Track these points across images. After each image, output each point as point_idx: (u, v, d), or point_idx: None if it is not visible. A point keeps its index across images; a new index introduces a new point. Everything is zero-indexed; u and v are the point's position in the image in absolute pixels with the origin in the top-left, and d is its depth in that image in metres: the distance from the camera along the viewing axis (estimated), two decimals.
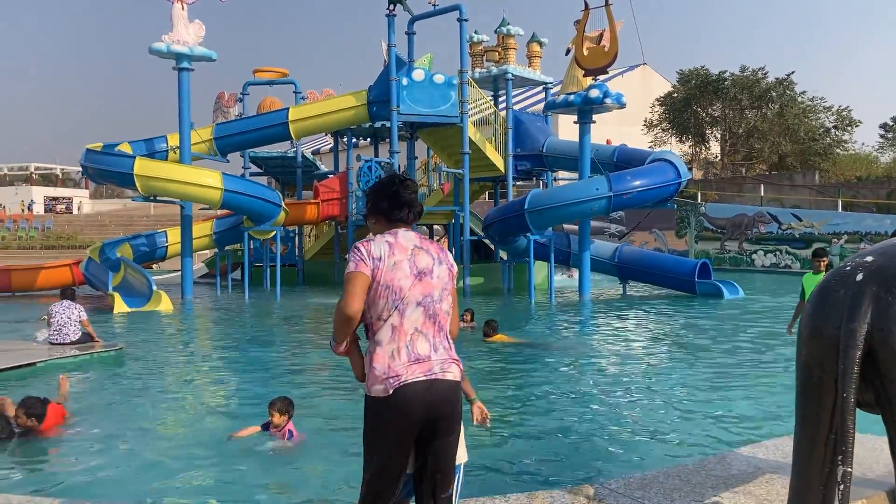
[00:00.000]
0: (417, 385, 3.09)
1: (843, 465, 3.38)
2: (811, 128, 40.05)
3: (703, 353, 11.02)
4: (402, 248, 3.20)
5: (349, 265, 3.16)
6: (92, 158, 19.48)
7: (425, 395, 3.10)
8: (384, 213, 3.30)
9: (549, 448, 6.31)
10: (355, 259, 3.14)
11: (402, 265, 3.16)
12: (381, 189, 3.34)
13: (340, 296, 3.11)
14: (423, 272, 3.20)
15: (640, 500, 4.18)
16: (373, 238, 3.23)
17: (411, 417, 3.09)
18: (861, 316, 3.40)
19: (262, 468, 5.80)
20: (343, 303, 3.08)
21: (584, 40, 19.38)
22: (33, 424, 6.49)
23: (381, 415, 3.09)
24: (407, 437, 3.14)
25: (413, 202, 3.34)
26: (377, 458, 3.13)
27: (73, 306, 11.15)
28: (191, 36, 20.02)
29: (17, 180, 76.93)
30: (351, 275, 3.12)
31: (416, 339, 3.16)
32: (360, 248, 3.18)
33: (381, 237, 3.24)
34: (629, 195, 18.04)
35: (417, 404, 3.09)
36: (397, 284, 3.13)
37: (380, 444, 3.12)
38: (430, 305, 3.20)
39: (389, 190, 3.30)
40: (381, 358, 3.11)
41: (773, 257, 29.20)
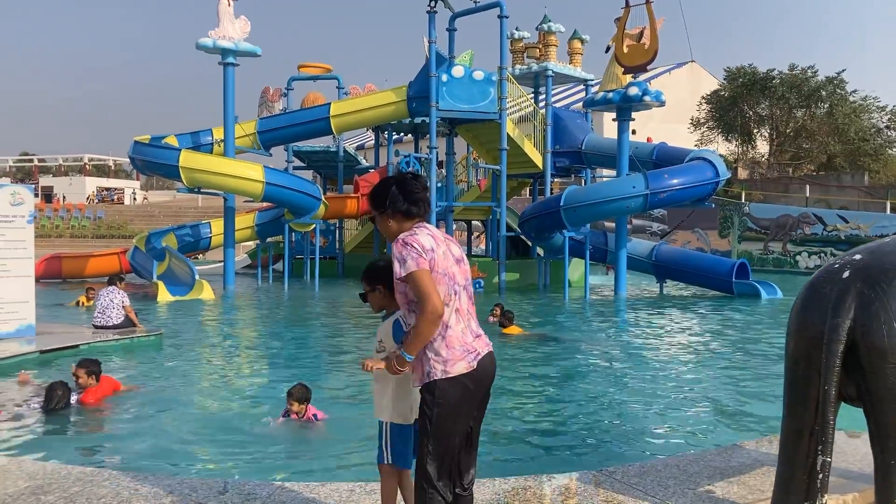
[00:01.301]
0: (487, 357, 3.40)
1: (822, 454, 3.51)
2: (862, 127, 39.11)
3: (731, 350, 11.03)
4: (440, 239, 3.39)
5: (408, 263, 3.21)
6: (139, 150, 20.09)
7: (491, 365, 3.44)
8: (402, 212, 3.43)
9: (558, 434, 6.48)
10: (413, 255, 3.22)
11: (448, 253, 3.37)
12: (398, 188, 3.44)
13: (419, 299, 3.18)
14: (459, 259, 3.45)
15: (636, 487, 4.33)
16: (415, 231, 3.35)
17: (487, 386, 3.43)
18: (845, 311, 3.50)
19: (293, 446, 6.09)
20: (430, 304, 3.16)
21: (624, 37, 19.35)
22: (92, 382, 7.30)
23: (466, 389, 3.29)
24: (478, 406, 3.42)
25: (428, 197, 3.52)
26: (453, 437, 3.30)
27: (117, 291, 11.72)
28: (236, 32, 20.50)
29: (71, 171, 79.15)
30: (420, 273, 3.19)
31: (470, 318, 3.43)
32: (412, 244, 3.25)
33: (420, 229, 3.37)
34: (666, 193, 17.97)
35: (490, 373, 3.42)
36: (451, 270, 3.34)
37: (459, 421, 3.31)
38: (468, 288, 3.46)
39: (406, 188, 3.44)
40: (457, 338, 3.31)
41: (818, 259, 28.70)
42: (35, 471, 4.57)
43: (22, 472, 4.54)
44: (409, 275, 3.21)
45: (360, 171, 28.77)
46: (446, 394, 3.26)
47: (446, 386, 3.26)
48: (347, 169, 28.78)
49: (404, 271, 3.22)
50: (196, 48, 20.14)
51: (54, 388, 7.04)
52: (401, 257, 3.24)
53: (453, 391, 3.26)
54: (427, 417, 3.26)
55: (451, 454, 3.31)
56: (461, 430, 3.34)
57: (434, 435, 3.25)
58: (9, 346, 9.72)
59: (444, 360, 3.28)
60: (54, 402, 6.94)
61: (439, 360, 3.28)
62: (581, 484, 4.39)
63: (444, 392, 3.26)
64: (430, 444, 3.26)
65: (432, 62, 20.71)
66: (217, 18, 20.32)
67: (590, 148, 22.76)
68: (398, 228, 3.41)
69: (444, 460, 3.28)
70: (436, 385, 3.27)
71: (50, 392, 7.01)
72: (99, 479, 4.38)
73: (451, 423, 3.28)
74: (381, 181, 3.56)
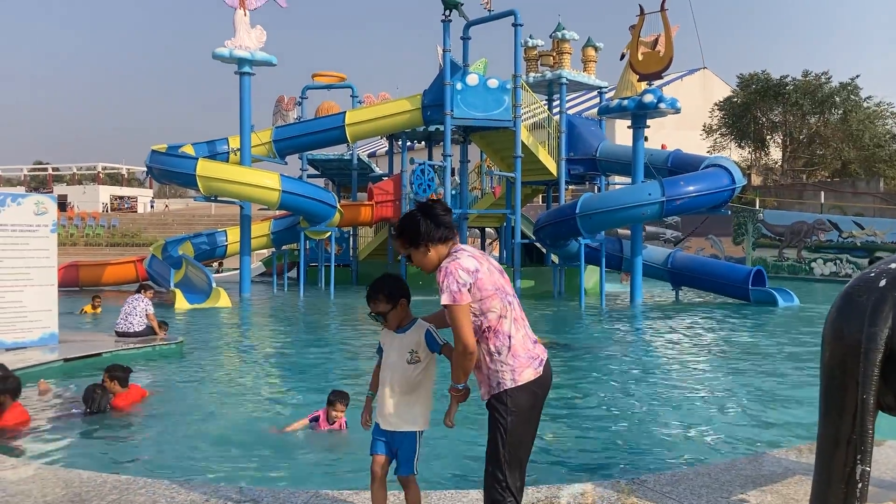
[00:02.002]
0: (548, 362, 3.54)
1: (861, 464, 3.50)
2: (876, 133, 38.94)
3: (751, 358, 10.98)
4: (479, 257, 3.46)
5: (446, 296, 3.26)
6: (157, 159, 20.24)
7: (550, 369, 3.55)
8: (439, 239, 3.47)
9: (585, 443, 6.47)
10: (452, 290, 3.27)
11: (491, 268, 3.44)
12: (427, 218, 3.46)
13: (454, 333, 3.28)
14: (500, 271, 3.53)
15: (669, 496, 4.33)
16: (457, 255, 3.40)
17: (548, 390, 3.54)
18: (882, 320, 3.50)
19: (321, 454, 6.12)
20: (462, 342, 3.26)
21: (639, 45, 19.37)
22: (117, 388, 7.41)
23: (535, 395, 3.39)
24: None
25: (451, 217, 3.59)
26: (527, 443, 3.39)
27: (141, 299, 11.92)
28: (252, 41, 20.67)
29: (85, 179, 79.74)
30: (458, 309, 3.26)
31: (525, 325, 3.53)
32: (453, 274, 3.30)
33: (460, 252, 3.42)
34: (682, 200, 17.94)
35: (551, 378, 3.55)
36: (499, 283, 3.42)
37: (531, 427, 3.42)
38: (515, 298, 3.55)
39: (434, 215, 3.47)
40: (522, 346, 3.42)
41: (833, 266, 28.57)
42: (71, 479, 4.62)
43: (58, 480, 4.58)
44: (448, 307, 3.30)
45: (374, 178, 28.87)
46: (518, 402, 3.35)
47: (517, 394, 3.35)
48: (361, 177, 28.89)
49: (445, 301, 3.30)
50: (213, 58, 20.32)
51: (93, 390, 7.19)
52: (443, 287, 3.31)
53: (524, 398, 3.36)
54: (502, 427, 3.32)
55: (524, 460, 3.39)
56: (532, 435, 3.44)
57: (510, 443, 3.32)
58: (32, 354, 9.80)
59: (512, 370, 3.37)
60: (95, 403, 7.12)
61: (507, 370, 3.37)
62: (613, 492, 4.39)
63: (515, 400, 3.34)
64: (507, 452, 3.31)
65: (447, 70, 20.79)
66: (233, 28, 20.49)
67: (604, 155, 22.76)
68: (437, 257, 3.47)
69: (520, 467, 3.35)
70: (507, 394, 3.35)
71: (89, 394, 7.17)
72: (135, 488, 4.42)
73: (524, 429, 3.37)
74: (406, 218, 3.54)
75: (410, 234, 3.47)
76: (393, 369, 3.64)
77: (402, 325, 3.68)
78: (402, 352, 3.64)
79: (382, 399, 3.66)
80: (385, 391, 3.65)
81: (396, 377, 3.63)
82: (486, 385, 3.42)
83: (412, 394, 3.63)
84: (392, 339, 3.69)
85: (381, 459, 3.65)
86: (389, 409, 3.62)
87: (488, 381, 3.40)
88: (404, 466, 3.64)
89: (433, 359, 3.70)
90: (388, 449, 3.66)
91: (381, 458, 3.65)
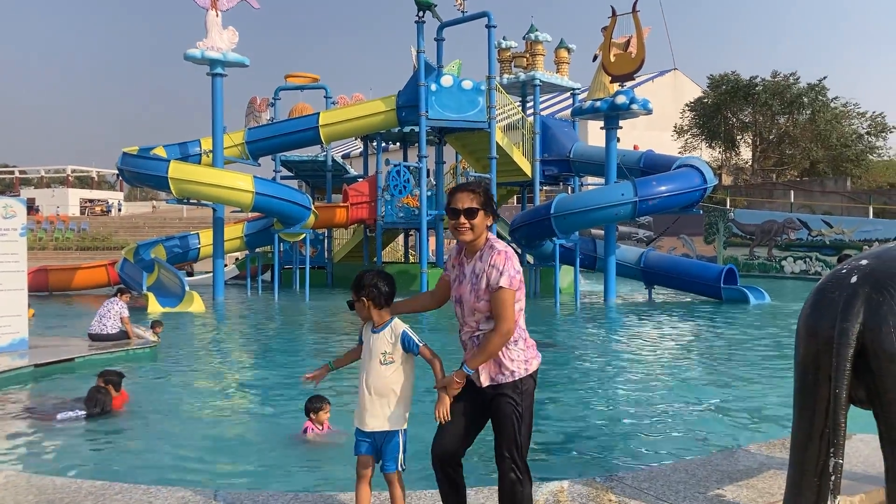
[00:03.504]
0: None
1: (834, 457, 3.56)
2: (843, 133, 39.61)
3: (724, 355, 11.13)
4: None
5: (505, 278, 3.39)
6: (128, 162, 20.00)
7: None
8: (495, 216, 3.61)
9: (562, 441, 6.51)
10: (511, 274, 3.41)
11: None
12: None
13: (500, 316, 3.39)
14: None
15: (647, 491, 4.38)
16: (497, 242, 3.54)
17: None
18: (854, 316, 3.57)
19: (305, 455, 6.09)
20: (509, 325, 3.40)
21: (611, 46, 19.52)
22: (113, 393, 7.46)
23: (536, 382, 3.61)
24: None
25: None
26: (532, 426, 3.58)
27: (116, 302, 11.81)
28: (224, 42, 20.50)
29: (54, 182, 78.55)
30: (511, 294, 3.41)
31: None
32: (513, 259, 3.47)
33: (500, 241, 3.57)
34: (655, 200, 18.11)
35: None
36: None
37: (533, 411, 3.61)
38: None
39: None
40: (530, 338, 3.64)
41: (803, 264, 29.00)
42: (44, 485, 4.55)
43: (31, 487, 4.52)
44: (503, 290, 3.38)
45: (349, 180, 28.77)
46: (530, 388, 3.54)
47: (529, 381, 3.55)
48: (336, 178, 28.78)
49: (503, 283, 3.37)
50: (184, 59, 20.12)
51: (96, 392, 7.28)
52: (503, 269, 3.41)
53: (532, 385, 3.57)
54: (518, 413, 3.46)
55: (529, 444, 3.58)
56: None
57: (527, 426, 3.50)
58: (2, 360, 9.64)
59: (526, 360, 3.55)
60: (98, 404, 7.18)
61: (522, 360, 3.54)
62: (591, 490, 4.43)
63: (528, 387, 3.53)
64: (523, 436, 3.47)
65: (421, 72, 20.80)
66: (205, 29, 20.32)
67: (578, 156, 22.91)
68: (482, 232, 3.55)
69: (528, 450, 3.52)
70: (521, 382, 3.51)
71: (92, 396, 7.24)
72: (111, 493, 4.37)
73: (532, 413, 3.57)
74: (482, 185, 3.63)
75: (491, 200, 3.59)
76: (368, 371, 3.66)
77: (377, 325, 3.68)
78: (375, 353, 3.65)
79: (361, 401, 3.67)
80: (362, 392, 3.66)
81: (371, 379, 3.64)
82: (492, 372, 3.50)
83: (389, 395, 3.64)
84: (368, 338, 3.71)
85: (365, 459, 3.67)
86: (368, 410, 3.63)
87: (497, 370, 3.49)
88: (389, 464, 3.66)
89: (409, 359, 3.70)
90: (371, 449, 3.66)
91: (365, 459, 3.67)
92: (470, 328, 3.56)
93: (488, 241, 3.55)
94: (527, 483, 3.47)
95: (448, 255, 3.84)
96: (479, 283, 3.45)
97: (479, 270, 3.48)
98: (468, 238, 3.53)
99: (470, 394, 3.54)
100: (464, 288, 3.54)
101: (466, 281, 3.53)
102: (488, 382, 3.50)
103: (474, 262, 3.53)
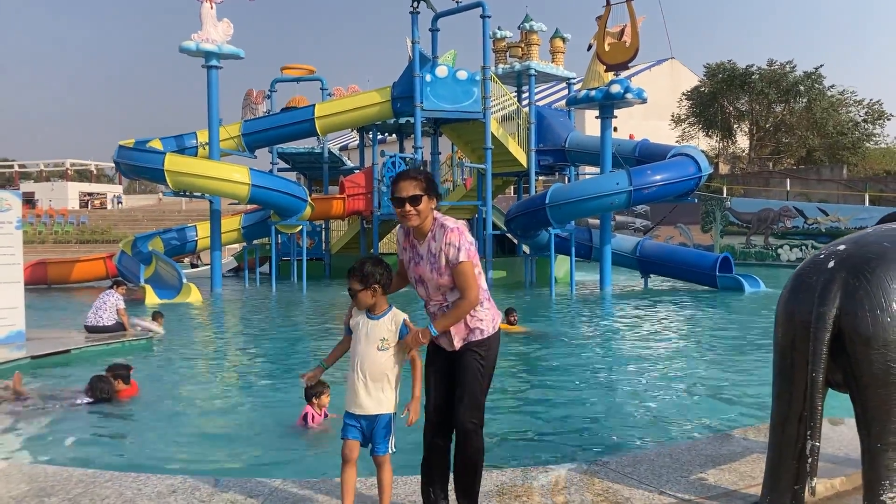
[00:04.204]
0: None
1: (811, 439, 3.62)
2: (840, 121, 39.63)
3: (718, 342, 11.19)
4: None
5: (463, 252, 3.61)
6: (124, 155, 20.00)
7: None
8: (438, 197, 3.79)
9: (548, 427, 6.58)
10: (467, 248, 3.64)
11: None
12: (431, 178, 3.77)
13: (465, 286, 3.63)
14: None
15: (630, 476, 4.44)
16: (446, 219, 3.74)
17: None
18: (831, 300, 3.62)
19: (299, 443, 6.15)
20: (474, 293, 3.65)
21: (605, 36, 19.52)
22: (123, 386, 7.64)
23: (499, 339, 3.87)
24: None
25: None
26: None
27: (113, 294, 11.89)
28: (219, 34, 20.49)
29: (53, 176, 78.51)
30: (471, 266, 3.65)
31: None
32: (465, 233, 3.69)
33: (447, 217, 3.78)
34: (649, 190, 18.16)
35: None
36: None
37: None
38: None
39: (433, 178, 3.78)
40: (493, 304, 3.89)
41: (799, 252, 29.06)
42: (36, 473, 4.61)
43: (23, 475, 4.58)
44: (463, 264, 3.60)
45: (345, 171, 28.80)
46: (494, 344, 3.81)
47: (493, 340, 3.81)
48: (332, 170, 28.82)
49: (462, 258, 3.59)
50: (179, 51, 20.11)
51: (98, 379, 7.42)
52: (458, 244, 3.63)
53: (496, 343, 3.83)
54: (481, 368, 3.74)
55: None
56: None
57: (487, 381, 3.79)
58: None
59: (492, 318, 3.83)
60: (100, 391, 7.34)
61: (488, 318, 3.80)
62: (576, 474, 4.49)
63: (492, 343, 3.80)
64: (483, 390, 3.75)
65: (416, 62, 20.80)
66: (200, 21, 20.30)
67: (573, 146, 22.93)
68: (428, 215, 3.72)
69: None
70: (488, 339, 3.78)
71: (94, 384, 7.39)
72: (101, 481, 4.43)
73: (493, 370, 3.83)
74: (423, 171, 3.78)
75: (433, 183, 3.71)
76: (363, 356, 3.71)
77: (376, 312, 3.74)
78: (372, 338, 3.71)
79: (353, 384, 3.72)
80: (355, 377, 3.71)
81: (367, 364, 3.70)
82: (463, 334, 3.75)
83: (382, 380, 3.71)
84: (363, 325, 3.75)
85: (353, 444, 3.72)
86: (360, 394, 3.69)
87: (467, 331, 3.75)
88: (380, 446, 3.73)
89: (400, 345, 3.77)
90: (360, 433, 3.72)
91: (352, 443, 3.72)
92: (437, 301, 3.79)
93: (437, 221, 3.74)
94: (480, 432, 3.73)
95: (397, 239, 3.95)
96: (439, 261, 3.67)
97: (436, 249, 3.69)
98: (415, 223, 3.71)
99: (443, 360, 3.83)
100: (422, 268, 3.75)
101: (424, 261, 3.74)
102: (461, 345, 3.76)
103: (428, 243, 3.74)
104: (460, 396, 3.72)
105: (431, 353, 3.90)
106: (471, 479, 3.77)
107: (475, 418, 3.71)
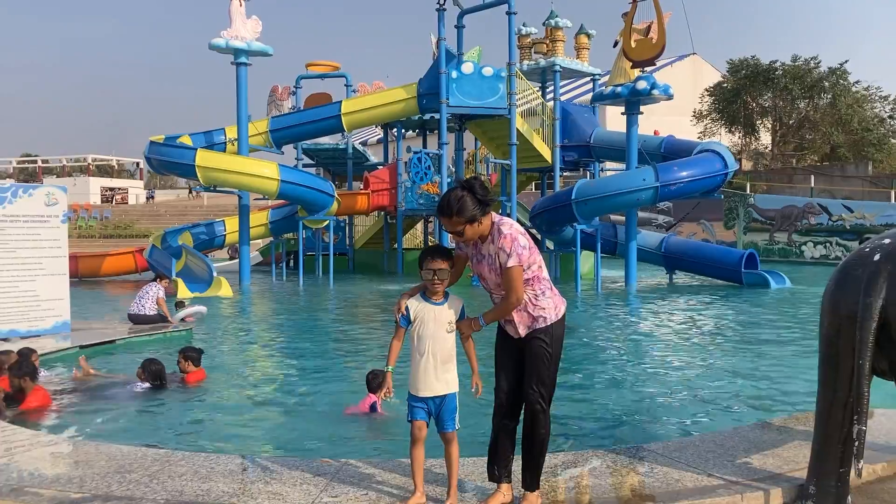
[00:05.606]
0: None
1: (858, 423, 3.81)
2: (865, 118, 39.34)
3: (747, 336, 11.32)
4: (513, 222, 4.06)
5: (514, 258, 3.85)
6: (156, 150, 20.36)
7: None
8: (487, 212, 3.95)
9: (594, 416, 6.77)
10: (518, 253, 3.86)
11: (525, 234, 4.02)
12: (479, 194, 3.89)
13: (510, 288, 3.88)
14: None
15: (678, 460, 4.63)
16: (503, 222, 3.96)
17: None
18: (877, 291, 3.80)
19: (362, 427, 6.38)
20: (517, 295, 3.91)
21: (631, 32, 19.59)
22: (192, 368, 8.02)
23: (565, 325, 4.11)
24: None
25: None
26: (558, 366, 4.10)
27: (154, 285, 12.60)
28: (248, 31, 20.79)
29: (74, 171, 79.30)
30: (519, 270, 3.89)
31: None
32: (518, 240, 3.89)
33: (506, 220, 4.00)
34: (676, 186, 18.25)
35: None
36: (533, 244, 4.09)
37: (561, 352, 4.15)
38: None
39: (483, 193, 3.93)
40: (555, 288, 4.13)
41: (823, 249, 29.01)
42: (112, 453, 4.87)
43: (100, 454, 4.84)
44: (513, 268, 3.85)
45: (370, 167, 29.06)
46: (560, 331, 4.06)
47: (557, 326, 4.05)
48: (357, 166, 29.07)
49: (512, 263, 3.86)
50: (209, 48, 20.43)
51: (151, 363, 7.71)
52: (510, 251, 3.86)
53: (561, 329, 4.08)
54: (548, 354, 4.00)
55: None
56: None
57: (554, 366, 4.03)
58: (45, 342, 10.00)
59: (555, 306, 4.07)
60: (157, 376, 7.62)
61: (551, 307, 4.04)
62: (625, 458, 4.69)
63: (558, 329, 4.05)
64: (550, 375, 4.00)
65: (442, 59, 20.99)
66: (229, 18, 20.60)
67: (598, 142, 23.06)
68: (486, 226, 3.95)
69: (554, 385, 4.08)
70: (553, 327, 4.03)
71: (146, 367, 7.67)
72: (175, 459, 4.69)
73: (560, 355, 4.10)
74: (454, 198, 3.88)
75: (467, 211, 3.85)
76: (433, 339, 3.95)
77: (439, 299, 4.00)
78: (441, 322, 3.96)
79: (425, 368, 3.94)
80: (426, 360, 3.94)
81: (438, 346, 3.94)
82: (527, 322, 4.02)
83: (450, 361, 4.00)
84: (430, 311, 3.98)
85: (422, 424, 3.96)
86: (432, 376, 3.94)
87: (531, 320, 4.01)
88: (448, 423, 3.99)
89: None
90: (426, 414, 3.97)
91: (421, 423, 3.96)
92: (499, 294, 4.06)
93: (495, 225, 3.97)
94: (548, 414, 4.00)
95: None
96: (495, 263, 3.96)
97: (493, 251, 3.96)
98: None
99: (512, 347, 4.08)
100: (482, 266, 4.05)
101: (484, 261, 4.03)
102: (525, 332, 4.02)
103: (487, 244, 4.00)
104: (529, 380, 3.98)
105: (501, 340, 4.16)
106: (538, 457, 4.02)
107: (543, 401, 3.97)
